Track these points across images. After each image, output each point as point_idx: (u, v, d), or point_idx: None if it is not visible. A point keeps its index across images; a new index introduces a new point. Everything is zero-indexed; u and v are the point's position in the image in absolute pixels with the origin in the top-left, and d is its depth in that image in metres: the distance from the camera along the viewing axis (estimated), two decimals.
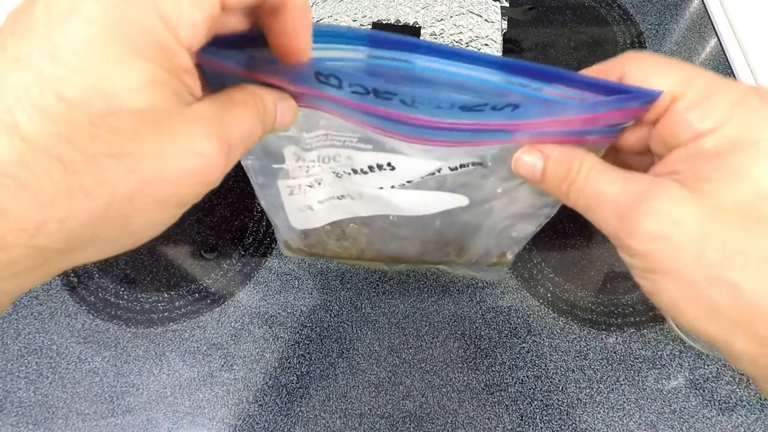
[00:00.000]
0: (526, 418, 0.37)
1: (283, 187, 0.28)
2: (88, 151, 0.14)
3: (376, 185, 0.27)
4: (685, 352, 0.39)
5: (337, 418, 0.37)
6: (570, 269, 0.43)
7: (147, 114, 0.14)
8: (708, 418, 0.37)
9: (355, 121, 0.22)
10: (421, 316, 0.41)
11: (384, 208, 0.29)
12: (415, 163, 0.25)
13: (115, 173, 0.14)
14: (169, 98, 0.15)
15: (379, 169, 0.25)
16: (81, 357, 0.39)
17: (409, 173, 0.25)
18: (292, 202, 0.29)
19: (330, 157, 0.26)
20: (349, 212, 0.30)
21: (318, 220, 0.31)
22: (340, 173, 0.27)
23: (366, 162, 0.25)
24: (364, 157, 0.25)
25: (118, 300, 0.42)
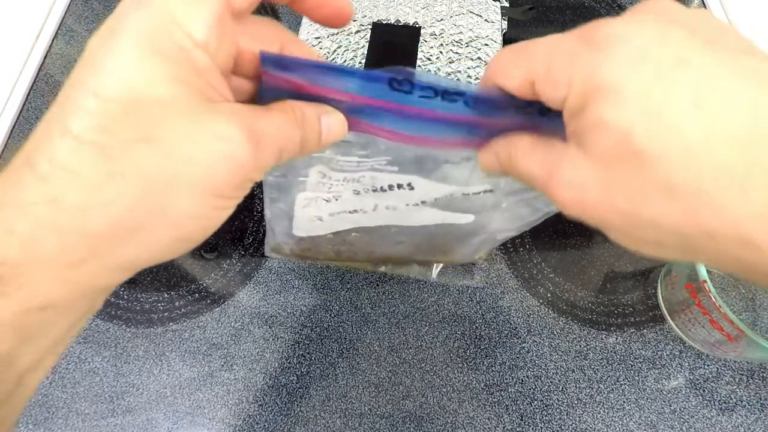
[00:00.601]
0: (526, 418, 0.37)
1: (300, 200, 0.28)
2: (122, 137, 0.16)
3: (391, 203, 0.28)
4: (685, 352, 0.39)
5: (337, 418, 0.37)
6: (570, 269, 0.43)
7: (171, 104, 0.16)
8: (708, 418, 0.37)
9: (405, 137, 0.22)
10: (421, 316, 0.41)
11: (391, 220, 0.30)
12: (433, 186, 0.26)
13: (147, 158, 0.16)
14: (192, 93, 0.16)
15: (399, 188, 0.27)
16: (81, 357, 0.39)
17: (425, 195, 0.27)
18: (303, 214, 0.30)
19: (356, 179, 0.27)
20: (356, 223, 0.31)
21: (324, 229, 0.32)
22: (359, 191, 0.28)
23: (388, 182, 0.27)
24: (388, 177, 0.26)
25: (118, 300, 0.42)
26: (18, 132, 0.51)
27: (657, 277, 0.42)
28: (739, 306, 0.41)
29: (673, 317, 0.40)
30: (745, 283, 0.41)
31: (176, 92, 0.16)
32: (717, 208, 0.15)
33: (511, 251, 0.44)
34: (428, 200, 0.28)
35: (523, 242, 0.44)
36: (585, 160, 0.18)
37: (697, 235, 0.16)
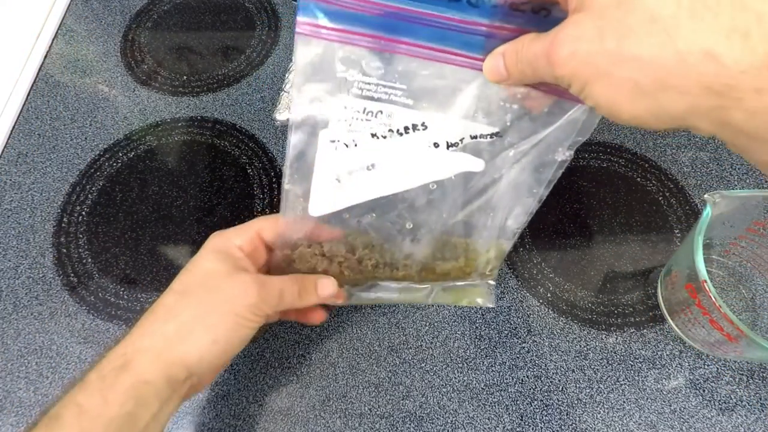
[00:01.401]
0: (526, 418, 0.37)
1: (324, 142, 0.30)
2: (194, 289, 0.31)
3: (406, 153, 0.31)
4: (685, 352, 0.39)
5: (337, 418, 0.37)
6: (570, 269, 0.43)
7: (221, 272, 0.31)
8: (708, 418, 0.37)
9: (423, 47, 0.28)
10: (421, 316, 0.41)
11: (406, 183, 0.32)
12: (444, 121, 0.30)
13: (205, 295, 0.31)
14: (232, 267, 0.31)
15: (414, 129, 0.30)
16: (81, 357, 0.39)
17: (439, 134, 0.30)
18: (324, 169, 0.31)
19: (373, 113, 0.30)
20: (373, 190, 0.32)
21: (342, 200, 0.32)
22: (377, 134, 0.30)
23: (403, 122, 0.30)
24: (403, 115, 0.29)
25: (118, 300, 0.42)
26: (18, 132, 0.51)
27: (657, 277, 0.42)
28: (739, 306, 0.41)
29: (673, 317, 0.40)
30: (746, 283, 0.41)
31: (224, 267, 0.31)
32: (690, 30, 0.19)
33: (511, 251, 0.44)
34: (441, 142, 0.30)
35: (523, 242, 0.44)
36: (585, 16, 0.22)
37: (670, 62, 0.20)
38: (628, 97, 0.22)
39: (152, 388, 0.28)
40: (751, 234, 0.39)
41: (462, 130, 0.30)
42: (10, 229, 0.45)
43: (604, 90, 0.22)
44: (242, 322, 0.30)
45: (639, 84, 0.21)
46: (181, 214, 0.46)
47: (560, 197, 0.46)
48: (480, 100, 0.29)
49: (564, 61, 0.23)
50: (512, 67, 0.26)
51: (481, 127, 0.30)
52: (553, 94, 0.28)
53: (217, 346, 0.29)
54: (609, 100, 0.22)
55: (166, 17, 0.60)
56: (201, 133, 0.51)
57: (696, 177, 0.47)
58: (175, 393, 0.29)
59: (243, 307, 0.30)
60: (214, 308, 0.30)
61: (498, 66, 0.27)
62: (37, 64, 0.56)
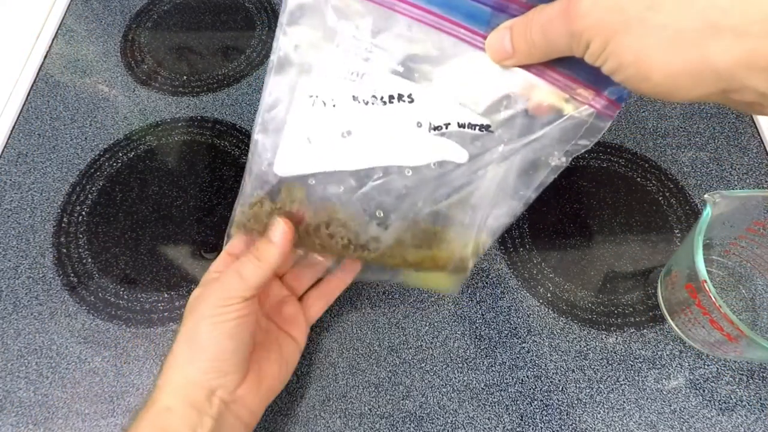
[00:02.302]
0: (526, 418, 0.37)
1: (301, 95, 0.28)
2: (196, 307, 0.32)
3: (387, 125, 0.28)
4: (685, 352, 0.39)
5: (337, 418, 0.37)
6: (570, 269, 0.43)
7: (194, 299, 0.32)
8: (708, 418, 0.37)
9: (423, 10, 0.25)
10: (421, 316, 0.41)
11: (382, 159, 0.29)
12: (432, 102, 0.27)
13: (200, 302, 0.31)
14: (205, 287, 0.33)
15: (399, 100, 0.27)
16: (81, 357, 0.39)
17: (424, 113, 0.27)
18: (297, 125, 0.29)
19: (358, 73, 0.27)
20: (345, 161, 0.29)
21: (311, 162, 0.30)
22: (358, 98, 0.28)
23: (389, 89, 0.27)
24: (391, 82, 0.27)
25: (118, 300, 0.42)
26: (18, 132, 0.51)
27: (657, 277, 0.42)
28: (739, 306, 0.41)
29: (673, 317, 0.40)
30: (746, 283, 0.41)
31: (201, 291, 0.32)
32: None
33: (511, 251, 0.44)
34: (425, 123, 0.28)
35: (523, 242, 0.44)
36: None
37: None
38: (664, 49, 0.18)
39: (175, 414, 0.28)
40: (751, 234, 0.39)
41: (450, 113, 0.28)
42: (10, 229, 0.45)
43: (634, 42, 0.19)
44: (220, 318, 0.30)
45: (681, 30, 0.17)
46: (181, 214, 0.46)
47: (560, 197, 0.46)
48: (475, 84, 0.27)
49: (586, 10, 0.19)
50: (519, 41, 0.24)
51: (471, 115, 0.27)
52: (559, 87, 0.26)
53: (213, 349, 0.30)
54: (638, 56, 0.19)
55: (166, 17, 0.60)
56: (201, 133, 0.51)
57: (696, 177, 0.47)
58: (205, 415, 0.29)
59: (213, 307, 0.30)
60: (198, 323, 0.30)
61: (503, 41, 0.24)
62: (37, 64, 0.56)
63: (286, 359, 0.35)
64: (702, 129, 0.51)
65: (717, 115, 0.52)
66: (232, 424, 0.31)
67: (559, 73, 0.26)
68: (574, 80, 0.26)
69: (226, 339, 0.30)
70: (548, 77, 0.26)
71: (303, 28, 0.27)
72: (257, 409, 0.32)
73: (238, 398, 0.31)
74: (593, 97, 0.26)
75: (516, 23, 0.24)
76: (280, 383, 0.34)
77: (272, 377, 0.33)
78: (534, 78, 0.26)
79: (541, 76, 0.26)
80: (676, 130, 0.50)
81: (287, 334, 0.36)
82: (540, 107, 0.26)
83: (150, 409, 0.29)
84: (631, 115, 0.51)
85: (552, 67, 0.26)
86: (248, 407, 0.32)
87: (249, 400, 0.32)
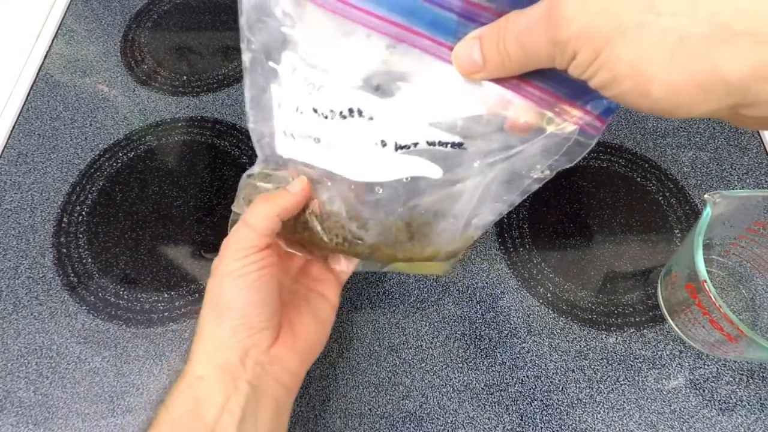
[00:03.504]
0: (526, 418, 0.37)
1: (275, 94, 0.27)
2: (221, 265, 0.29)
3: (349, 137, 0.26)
4: (685, 352, 0.39)
5: (337, 418, 0.37)
6: (570, 269, 0.43)
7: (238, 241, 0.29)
8: (708, 418, 0.37)
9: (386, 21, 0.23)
10: (421, 316, 0.41)
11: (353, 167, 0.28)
12: (394, 121, 0.25)
13: (222, 259, 0.29)
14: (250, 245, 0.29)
15: (359, 115, 0.25)
16: (81, 357, 0.39)
17: (386, 131, 0.25)
18: (280, 118, 0.28)
19: (314, 85, 0.25)
20: (321, 162, 0.29)
21: (297, 152, 0.29)
22: (318, 110, 0.26)
23: (346, 104, 0.25)
24: (347, 96, 0.25)
25: (118, 300, 0.42)
26: (18, 132, 0.51)
27: (657, 277, 0.42)
28: (739, 306, 0.41)
29: (673, 317, 0.40)
30: (746, 283, 0.41)
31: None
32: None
33: (511, 251, 0.44)
34: (389, 142, 0.25)
35: (523, 242, 0.44)
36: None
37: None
38: (666, 58, 0.16)
39: (207, 382, 0.27)
40: (751, 234, 0.39)
41: (417, 132, 0.25)
42: (10, 229, 0.45)
43: (630, 51, 0.16)
44: (239, 271, 0.28)
45: (686, 36, 0.15)
46: (181, 214, 0.46)
47: (560, 197, 0.46)
48: (442, 101, 0.24)
49: (572, 15, 0.17)
50: (491, 52, 0.21)
51: (441, 134, 0.25)
52: (537, 103, 0.23)
53: (240, 305, 0.28)
54: (635, 67, 0.16)
55: (166, 17, 0.60)
56: (201, 133, 0.51)
57: (696, 177, 0.47)
58: (239, 379, 0.27)
59: (230, 262, 0.28)
60: (219, 283, 0.28)
61: (471, 52, 0.22)
62: (37, 64, 0.56)
63: (319, 317, 0.33)
64: (702, 129, 0.51)
65: None
66: (273, 387, 0.29)
67: (536, 87, 0.23)
68: (553, 94, 0.23)
69: (250, 292, 0.28)
70: (524, 92, 0.23)
71: (261, 35, 0.26)
72: (297, 370, 0.31)
73: (275, 358, 0.29)
74: (576, 113, 0.23)
75: (486, 32, 0.21)
76: (317, 342, 0.33)
77: (307, 335, 0.32)
78: (508, 93, 0.23)
79: (516, 91, 0.23)
80: (676, 130, 0.50)
81: (317, 293, 0.34)
82: (515, 126, 0.24)
83: (182, 380, 0.28)
84: (631, 115, 0.51)
85: (527, 80, 0.23)
86: (287, 368, 0.30)
87: (287, 359, 0.30)
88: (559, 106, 0.23)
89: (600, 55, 0.17)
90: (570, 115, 0.23)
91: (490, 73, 0.22)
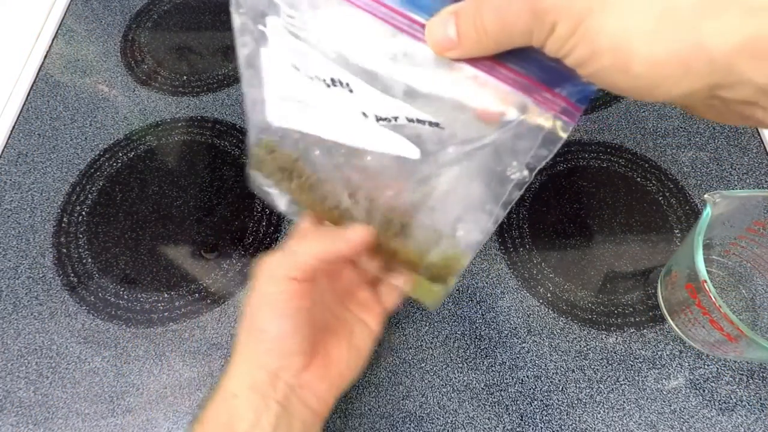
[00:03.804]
0: (526, 418, 0.37)
1: (265, 58, 0.27)
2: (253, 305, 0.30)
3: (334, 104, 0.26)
4: (685, 352, 0.39)
5: (337, 418, 0.37)
6: (570, 269, 0.43)
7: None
8: (708, 418, 0.37)
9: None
10: (421, 316, 0.41)
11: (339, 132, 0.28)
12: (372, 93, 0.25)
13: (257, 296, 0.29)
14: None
15: (341, 85, 0.25)
16: (81, 357, 0.39)
17: (366, 105, 0.25)
18: (268, 85, 0.29)
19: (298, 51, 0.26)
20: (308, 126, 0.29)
21: (287, 119, 0.29)
22: (306, 74, 0.26)
23: (328, 73, 0.25)
24: (327, 67, 0.25)
25: (118, 300, 0.42)
26: (18, 132, 0.51)
27: (657, 277, 0.42)
28: (739, 306, 0.41)
29: (673, 317, 0.40)
30: (746, 283, 0.41)
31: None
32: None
33: (511, 251, 0.44)
34: (370, 114, 0.26)
35: (523, 242, 0.44)
36: None
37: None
38: (649, 31, 0.15)
39: (240, 399, 0.28)
40: (751, 234, 0.39)
41: (395, 108, 0.25)
42: (10, 229, 0.45)
43: (612, 23, 0.15)
44: (273, 297, 0.28)
45: (672, 7, 0.14)
46: (181, 214, 0.46)
47: (560, 197, 0.46)
48: (416, 79, 0.23)
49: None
50: (467, 27, 0.20)
51: (417, 111, 0.25)
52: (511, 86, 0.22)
53: (274, 330, 0.28)
54: (616, 41, 0.16)
55: (166, 17, 0.60)
56: (201, 133, 0.51)
57: (696, 177, 0.47)
58: (270, 398, 0.28)
59: (266, 283, 0.28)
60: (256, 303, 0.29)
61: (445, 28, 0.21)
62: (37, 64, 0.56)
63: (357, 346, 0.33)
64: (702, 129, 0.51)
65: None
66: (300, 411, 0.29)
67: (510, 70, 0.22)
68: (527, 77, 0.22)
69: (284, 320, 0.28)
70: (498, 74, 0.22)
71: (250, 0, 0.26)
72: (326, 396, 0.31)
73: (305, 383, 0.29)
74: (551, 99, 0.22)
75: (462, 7, 0.20)
76: (350, 371, 0.32)
77: (341, 364, 0.32)
78: (481, 74, 0.22)
79: (490, 73, 0.22)
80: (676, 130, 0.50)
81: (360, 320, 0.34)
82: (487, 111, 0.23)
83: (217, 396, 0.29)
84: (631, 115, 0.51)
85: (501, 62, 0.22)
86: (316, 393, 0.30)
87: (316, 385, 0.30)
88: (534, 91, 0.22)
89: (579, 26, 0.16)
90: (545, 100, 0.22)
91: (465, 51, 0.21)
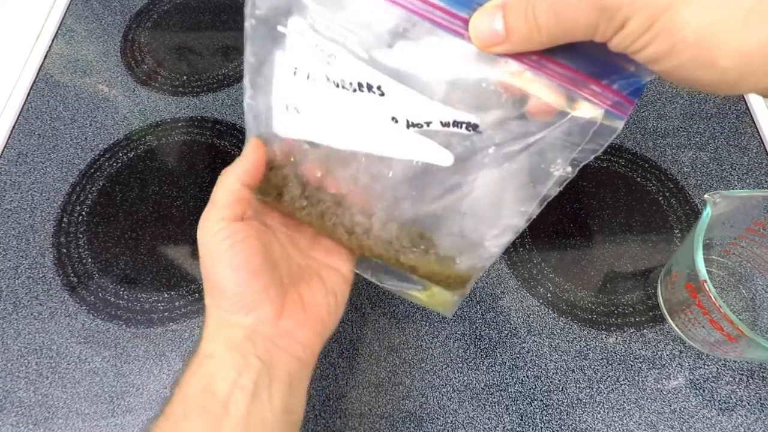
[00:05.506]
0: (526, 418, 0.37)
1: (278, 62, 0.26)
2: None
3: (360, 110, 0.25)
4: (685, 352, 0.39)
5: (337, 418, 0.37)
6: (570, 269, 0.43)
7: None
8: (708, 418, 0.37)
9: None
10: (421, 316, 0.41)
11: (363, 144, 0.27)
12: (405, 94, 0.23)
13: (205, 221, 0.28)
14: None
15: (369, 90, 0.24)
16: (81, 357, 0.39)
17: (398, 108, 0.24)
18: (279, 92, 0.27)
19: (325, 52, 0.24)
20: (325, 137, 0.27)
21: (297, 129, 0.28)
22: (330, 78, 0.25)
23: (356, 77, 0.24)
24: (357, 69, 0.24)
25: (118, 300, 0.42)
26: (18, 132, 0.51)
27: (657, 277, 0.42)
28: (739, 306, 0.41)
29: (673, 317, 0.40)
30: (746, 283, 0.41)
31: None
32: None
33: (511, 251, 0.44)
34: (400, 119, 0.24)
35: (523, 242, 0.44)
36: None
37: None
38: (740, 23, 0.14)
39: (217, 359, 0.27)
40: (751, 234, 0.39)
41: (429, 111, 0.24)
42: (10, 229, 0.45)
43: (696, 17, 0.15)
44: (216, 249, 0.27)
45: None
46: (181, 214, 0.46)
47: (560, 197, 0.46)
48: (457, 79, 0.22)
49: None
50: (517, 21, 0.19)
51: (455, 113, 0.23)
52: (560, 81, 0.21)
53: (227, 283, 0.27)
54: (702, 34, 0.15)
55: (166, 17, 0.60)
56: (201, 133, 0.51)
57: (696, 177, 0.47)
58: (249, 354, 0.27)
59: (205, 238, 0.27)
60: (203, 260, 0.28)
61: (492, 22, 0.19)
62: (37, 64, 0.56)
63: (332, 290, 0.32)
64: (702, 129, 0.51)
65: (717, 115, 0.52)
66: (285, 361, 0.28)
67: (558, 64, 0.21)
68: (577, 71, 0.21)
69: (234, 270, 0.27)
70: (545, 69, 0.21)
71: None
72: (310, 343, 0.30)
73: (284, 332, 0.28)
74: (602, 93, 0.21)
75: (511, 1, 0.19)
76: (329, 315, 0.31)
77: (320, 309, 0.31)
78: (528, 70, 0.21)
79: (537, 69, 0.21)
80: (676, 130, 0.50)
81: (328, 265, 0.33)
82: (537, 107, 0.22)
83: (194, 360, 0.28)
84: (631, 115, 0.51)
85: (548, 56, 0.21)
86: (299, 341, 0.29)
87: (297, 332, 0.29)
88: (583, 85, 0.21)
89: (656, 21, 0.15)
90: (596, 94, 0.21)
91: (514, 46, 0.19)
